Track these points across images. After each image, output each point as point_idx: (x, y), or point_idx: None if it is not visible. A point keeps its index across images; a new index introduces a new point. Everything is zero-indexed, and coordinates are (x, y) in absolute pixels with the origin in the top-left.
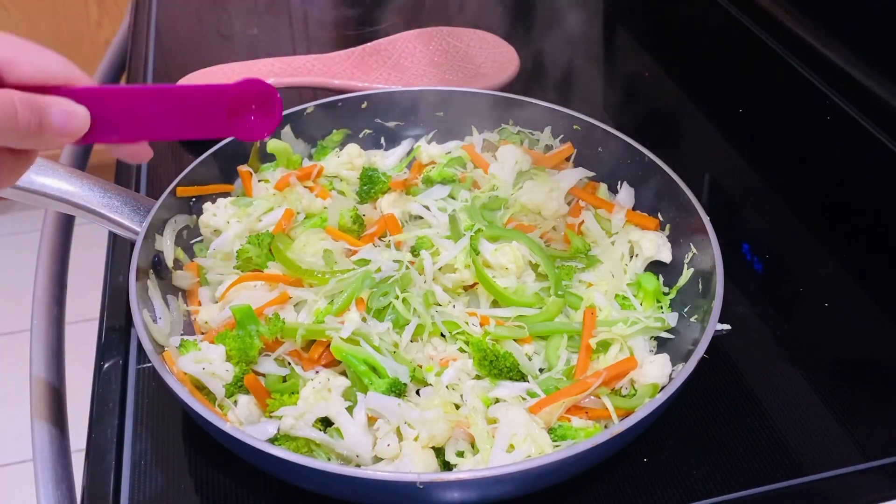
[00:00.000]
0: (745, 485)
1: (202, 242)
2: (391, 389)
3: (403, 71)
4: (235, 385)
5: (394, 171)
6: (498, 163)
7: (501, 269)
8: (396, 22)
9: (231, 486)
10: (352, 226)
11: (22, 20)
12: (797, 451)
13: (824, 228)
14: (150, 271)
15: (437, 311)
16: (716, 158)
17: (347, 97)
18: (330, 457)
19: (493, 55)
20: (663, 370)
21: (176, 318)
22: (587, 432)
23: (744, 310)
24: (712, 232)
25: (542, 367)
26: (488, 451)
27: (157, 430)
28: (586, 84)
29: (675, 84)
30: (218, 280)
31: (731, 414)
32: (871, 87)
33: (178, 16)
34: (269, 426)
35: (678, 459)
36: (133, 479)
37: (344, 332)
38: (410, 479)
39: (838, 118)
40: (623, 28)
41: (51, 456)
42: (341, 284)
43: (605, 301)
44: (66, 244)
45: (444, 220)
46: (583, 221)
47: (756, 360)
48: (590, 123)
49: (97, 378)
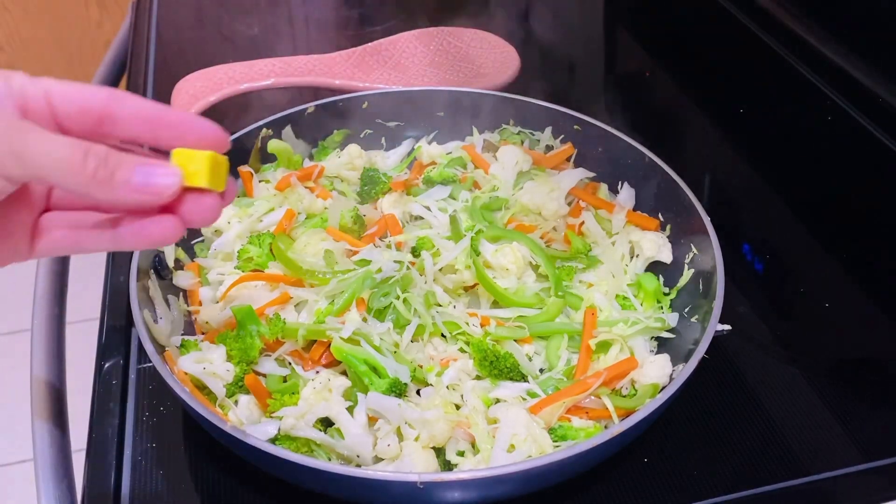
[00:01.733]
0: (745, 485)
1: (203, 242)
2: (392, 389)
3: (404, 71)
4: (236, 385)
5: (394, 172)
6: (498, 163)
7: (502, 270)
8: (396, 22)
9: (231, 486)
10: (352, 226)
11: (23, 20)
12: (797, 451)
13: (824, 228)
14: (151, 271)
15: (438, 312)
16: (716, 159)
17: (348, 97)
18: (330, 457)
19: (494, 55)
20: (664, 370)
21: (177, 318)
22: (587, 432)
23: (744, 310)
24: (713, 232)
25: (542, 367)
26: (489, 451)
27: (157, 430)
28: (587, 84)
29: (676, 84)
30: (219, 280)
31: (731, 414)
32: (871, 87)
33: (178, 16)
34: (270, 426)
35: (678, 459)
36: (133, 479)
37: (344, 332)
38: (411, 479)
39: (838, 118)
40: (623, 28)
41: (51, 455)
42: (342, 285)
43: (606, 301)
44: None
45: (444, 220)
46: (583, 222)
47: (756, 360)
48: (590, 124)
49: (97, 378)
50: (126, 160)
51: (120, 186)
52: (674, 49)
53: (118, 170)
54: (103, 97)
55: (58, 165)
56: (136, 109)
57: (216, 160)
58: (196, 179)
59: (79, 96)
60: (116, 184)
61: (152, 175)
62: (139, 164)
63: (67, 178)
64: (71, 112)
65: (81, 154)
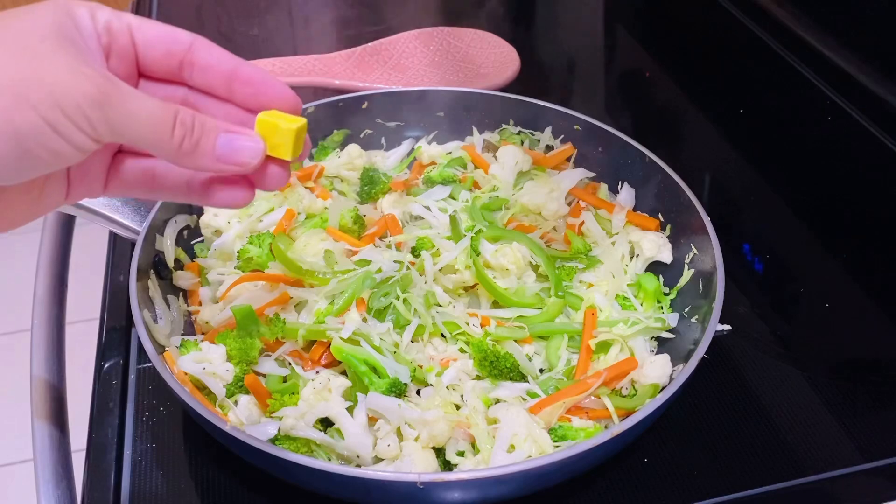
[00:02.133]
0: (745, 485)
1: (203, 242)
2: (391, 390)
3: (404, 71)
4: (236, 385)
5: (394, 172)
6: (498, 163)
7: (502, 270)
8: (396, 22)
9: (231, 486)
10: (352, 226)
11: None
12: (797, 451)
13: (824, 228)
14: (151, 271)
15: (438, 312)
16: (716, 159)
17: (348, 97)
18: (330, 457)
19: (494, 55)
20: (664, 370)
21: (176, 318)
22: (587, 432)
23: (744, 310)
24: (713, 232)
25: (542, 367)
26: (489, 451)
27: (157, 430)
28: (587, 84)
29: (676, 84)
30: (219, 280)
31: (731, 414)
32: (871, 87)
33: (178, 16)
34: (270, 426)
35: (678, 459)
36: (133, 479)
37: (344, 332)
38: (411, 479)
39: (838, 118)
40: (623, 28)
41: (51, 456)
42: (342, 285)
43: (606, 301)
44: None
45: (444, 220)
46: (583, 222)
47: (756, 360)
48: (590, 123)
49: (97, 378)
50: (210, 127)
51: (203, 155)
52: (674, 49)
53: (203, 137)
54: (188, 42)
55: (147, 134)
56: (217, 60)
57: (300, 133)
58: (279, 151)
59: (164, 38)
60: (200, 153)
61: (235, 147)
62: (224, 131)
63: (155, 146)
64: (155, 55)
65: (171, 120)
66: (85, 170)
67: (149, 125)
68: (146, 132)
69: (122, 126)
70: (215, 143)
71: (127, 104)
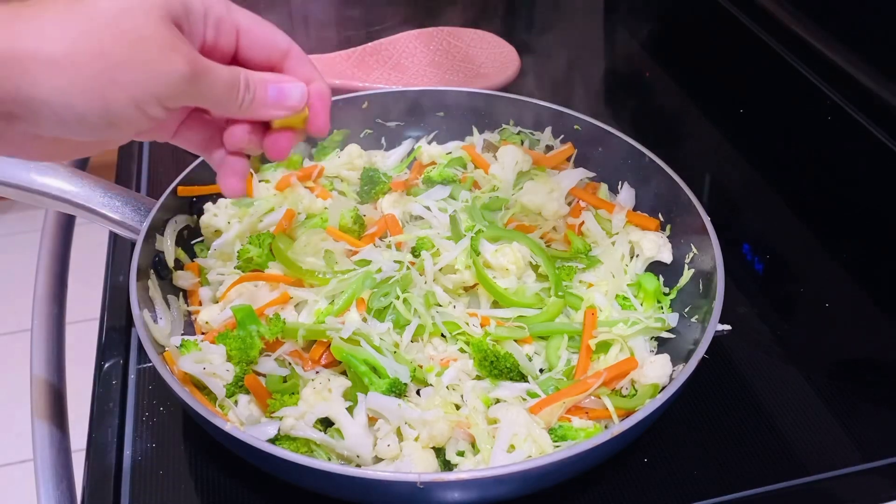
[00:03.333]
0: (746, 485)
1: (203, 242)
2: (391, 390)
3: (404, 71)
4: (236, 385)
5: (394, 172)
6: (498, 163)
7: (502, 270)
8: (396, 22)
9: (231, 486)
10: (352, 226)
11: None
12: (797, 451)
13: (824, 228)
14: (151, 271)
15: (438, 312)
16: (716, 159)
17: (348, 97)
18: (330, 457)
19: (494, 55)
20: (664, 370)
21: (176, 318)
22: (587, 432)
23: (744, 310)
24: (713, 232)
25: (542, 367)
26: (489, 451)
27: (157, 430)
28: (587, 84)
29: (676, 84)
30: (219, 280)
31: (731, 414)
32: (871, 87)
33: None
34: (270, 426)
35: (678, 459)
36: (133, 479)
37: (344, 332)
38: (411, 479)
39: (838, 118)
40: (623, 28)
41: (51, 455)
42: (342, 285)
43: (606, 301)
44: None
45: (444, 220)
46: (583, 222)
47: (756, 360)
48: (590, 123)
49: (97, 378)
50: (259, 80)
51: (260, 105)
52: (674, 49)
53: (257, 90)
54: (285, 50)
55: (221, 97)
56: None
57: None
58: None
59: (266, 45)
60: (257, 104)
61: (285, 92)
62: (272, 82)
63: (225, 105)
64: (252, 59)
65: (239, 84)
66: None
67: (224, 90)
68: (221, 96)
69: (203, 95)
70: (267, 91)
71: (210, 76)
